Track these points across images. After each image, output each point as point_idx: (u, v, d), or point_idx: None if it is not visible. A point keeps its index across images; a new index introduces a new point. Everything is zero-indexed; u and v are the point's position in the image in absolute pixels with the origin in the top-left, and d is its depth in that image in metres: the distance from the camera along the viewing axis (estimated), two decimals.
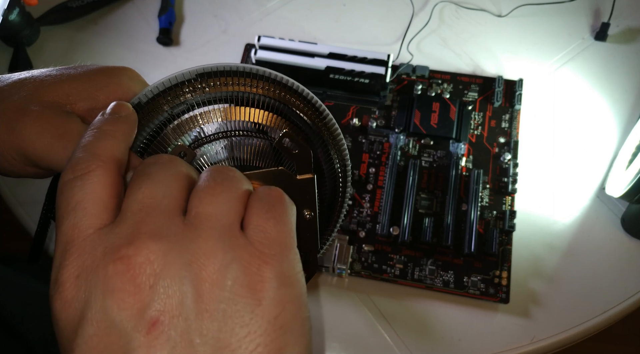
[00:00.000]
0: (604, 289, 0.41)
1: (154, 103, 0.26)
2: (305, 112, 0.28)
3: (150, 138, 0.26)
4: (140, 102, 0.25)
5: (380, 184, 0.44)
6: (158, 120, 0.26)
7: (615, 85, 0.50)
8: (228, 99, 0.27)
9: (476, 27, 0.54)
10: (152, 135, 0.26)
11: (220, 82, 0.26)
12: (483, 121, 0.47)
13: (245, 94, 0.27)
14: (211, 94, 0.26)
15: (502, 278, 0.40)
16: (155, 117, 0.26)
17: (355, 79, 0.46)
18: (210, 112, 0.26)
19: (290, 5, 0.56)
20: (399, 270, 0.41)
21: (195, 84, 0.26)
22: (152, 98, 0.26)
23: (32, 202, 0.45)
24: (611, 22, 0.52)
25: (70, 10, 0.54)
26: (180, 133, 0.26)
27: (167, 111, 0.26)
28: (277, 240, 0.19)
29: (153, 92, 0.26)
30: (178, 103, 0.26)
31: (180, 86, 0.26)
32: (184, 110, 0.26)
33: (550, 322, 0.40)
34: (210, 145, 0.27)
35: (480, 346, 0.39)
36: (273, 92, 0.27)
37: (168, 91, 0.26)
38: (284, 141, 0.25)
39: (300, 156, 0.25)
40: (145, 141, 0.26)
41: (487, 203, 0.43)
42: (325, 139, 0.29)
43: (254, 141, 0.27)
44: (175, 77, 0.25)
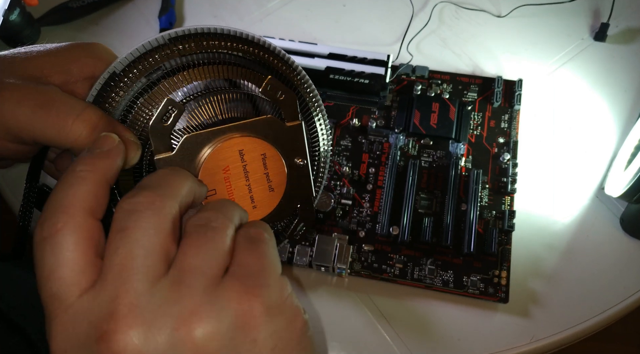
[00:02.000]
0: (603, 288, 0.41)
1: (130, 71, 0.25)
2: (280, 69, 0.28)
3: (129, 106, 0.26)
4: (115, 72, 0.25)
5: (380, 184, 0.45)
6: (136, 87, 0.25)
7: (614, 86, 0.50)
8: (203, 60, 0.26)
9: (476, 27, 0.54)
10: (131, 104, 0.26)
11: (194, 44, 0.26)
12: (482, 121, 0.47)
13: (219, 54, 0.26)
14: (187, 56, 0.26)
15: (502, 277, 0.40)
16: (132, 85, 0.25)
17: (355, 79, 0.46)
18: (188, 74, 0.26)
19: (290, 6, 0.56)
20: (398, 270, 0.41)
21: (170, 48, 0.25)
22: (127, 66, 0.25)
23: None
24: (610, 23, 0.52)
25: (71, 11, 0.54)
26: (159, 99, 0.26)
27: (145, 77, 0.25)
28: (261, 271, 0.20)
29: (128, 59, 0.25)
30: (154, 69, 0.25)
31: (154, 51, 0.25)
32: (161, 76, 0.26)
33: (549, 321, 0.40)
34: (195, 101, 0.26)
35: (480, 345, 0.39)
36: (247, 50, 0.27)
37: (143, 57, 0.25)
38: (268, 87, 0.25)
39: (286, 102, 0.26)
40: (125, 109, 0.26)
41: (487, 203, 0.43)
42: (302, 94, 0.29)
43: (236, 96, 0.27)
44: (148, 42, 0.25)
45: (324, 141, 0.31)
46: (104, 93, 0.25)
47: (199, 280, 0.18)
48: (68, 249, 0.18)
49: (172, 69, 0.26)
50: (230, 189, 0.26)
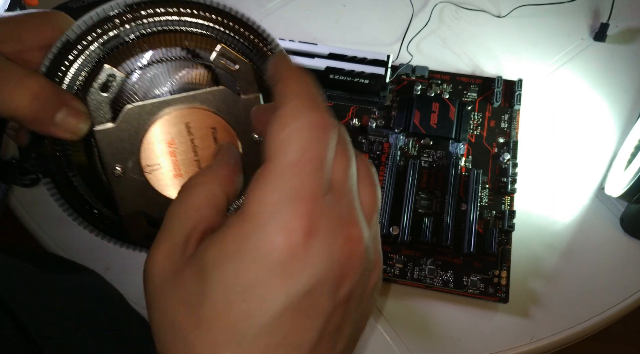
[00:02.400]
0: (603, 288, 0.41)
1: (83, 38, 0.24)
2: (248, 39, 0.26)
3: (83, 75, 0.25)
4: (69, 40, 0.24)
5: (380, 184, 0.45)
6: (91, 56, 0.25)
7: (614, 86, 0.50)
8: (162, 28, 0.25)
9: (476, 27, 0.54)
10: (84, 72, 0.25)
11: (151, 11, 0.25)
12: (482, 121, 0.47)
13: (180, 21, 0.25)
14: (143, 24, 0.25)
15: (502, 277, 0.40)
16: (87, 53, 0.24)
17: (355, 79, 0.46)
18: (144, 43, 0.25)
19: (290, 6, 0.56)
20: (398, 270, 0.41)
21: (125, 15, 0.24)
22: (81, 34, 0.24)
23: (32, 203, 0.46)
24: (610, 23, 0.52)
25: (71, 11, 0.54)
26: (115, 65, 0.25)
27: (99, 46, 0.25)
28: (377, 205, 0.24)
29: (81, 27, 0.24)
30: (109, 37, 0.24)
31: (109, 19, 0.24)
32: (117, 44, 0.25)
33: (549, 321, 0.40)
34: (144, 71, 0.25)
35: (480, 345, 0.39)
36: (209, 17, 0.26)
37: (97, 24, 0.24)
38: (220, 57, 0.23)
39: (241, 73, 0.24)
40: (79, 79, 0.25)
41: (487, 203, 0.43)
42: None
43: (191, 65, 0.26)
44: (103, 9, 0.24)
45: None
46: (57, 62, 0.24)
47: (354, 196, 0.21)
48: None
49: (130, 38, 0.25)
50: (176, 163, 0.25)
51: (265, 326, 0.17)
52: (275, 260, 0.17)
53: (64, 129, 0.24)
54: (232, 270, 0.18)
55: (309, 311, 0.18)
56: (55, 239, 0.44)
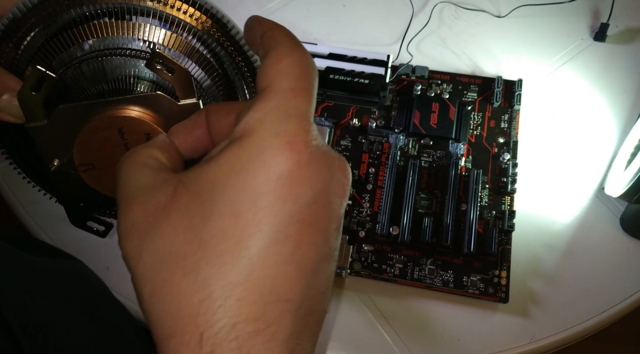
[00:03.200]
0: (603, 288, 0.41)
1: (27, 19, 0.24)
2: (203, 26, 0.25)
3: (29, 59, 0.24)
4: (15, 18, 0.24)
5: (380, 184, 0.45)
6: (35, 39, 0.24)
7: (614, 86, 0.50)
8: (111, 13, 0.24)
9: (475, 27, 0.54)
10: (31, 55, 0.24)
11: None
12: (482, 121, 0.47)
13: (130, 5, 0.24)
14: (89, 6, 0.24)
15: (502, 277, 0.40)
16: (30, 34, 0.24)
17: (355, 79, 0.46)
18: (90, 28, 0.24)
19: (290, 6, 0.56)
20: (398, 270, 0.41)
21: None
22: (25, 13, 0.24)
23: (32, 202, 0.46)
24: (610, 23, 0.52)
25: None
26: (56, 52, 0.24)
27: (43, 28, 0.24)
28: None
29: (26, 6, 0.24)
30: (53, 19, 0.24)
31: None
32: (63, 26, 0.24)
33: (549, 321, 0.40)
34: (80, 66, 0.24)
35: (480, 345, 0.39)
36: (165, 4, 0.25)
37: (43, 3, 0.23)
38: (154, 62, 0.22)
39: (179, 78, 0.23)
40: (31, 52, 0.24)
41: (487, 203, 0.43)
42: (230, 51, 0.27)
43: (135, 63, 0.25)
44: None
45: None
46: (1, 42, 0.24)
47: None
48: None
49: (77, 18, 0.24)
50: (111, 164, 0.24)
51: (274, 236, 0.17)
52: (281, 170, 0.18)
53: (9, 113, 0.24)
54: (238, 182, 0.17)
55: (313, 224, 0.18)
56: (55, 239, 0.44)
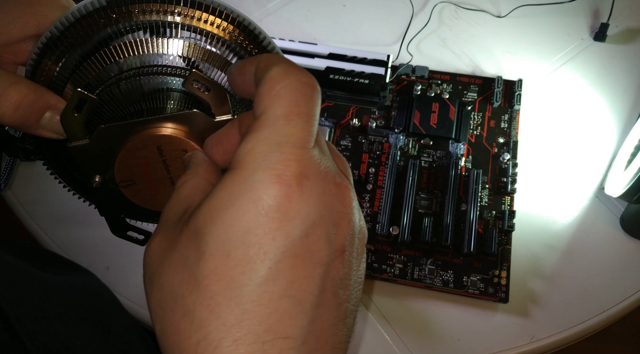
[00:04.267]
0: (603, 288, 0.41)
1: (66, 38, 0.24)
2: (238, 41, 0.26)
3: (72, 66, 0.25)
4: (52, 36, 0.24)
5: (380, 184, 0.45)
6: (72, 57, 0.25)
7: (614, 86, 0.50)
8: (148, 29, 0.25)
9: (475, 27, 0.54)
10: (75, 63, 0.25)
11: (137, 10, 0.24)
12: (482, 121, 0.47)
13: (166, 22, 0.25)
14: (126, 23, 0.24)
15: (502, 277, 0.40)
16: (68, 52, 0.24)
17: (355, 79, 0.46)
18: (127, 45, 0.25)
19: (290, 6, 0.56)
20: (398, 270, 0.41)
21: (109, 13, 0.24)
22: (70, 25, 0.24)
23: (32, 202, 0.46)
24: (610, 23, 0.52)
25: None
26: (93, 70, 0.25)
27: (80, 45, 0.24)
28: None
29: (63, 25, 0.24)
30: (90, 37, 0.24)
31: (91, 16, 0.24)
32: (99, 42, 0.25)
33: (549, 321, 0.40)
34: (118, 85, 0.25)
35: (480, 345, 0.39)
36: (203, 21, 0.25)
37: (80, 21, 0.24)
38: (192, 82, 0.23)
39: (215, 96, 0.24)
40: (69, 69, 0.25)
41: (487, 203, 0.43)
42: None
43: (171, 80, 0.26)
44: (84, 6, 0.24)
45: None
46: (44, 54, 0.24)
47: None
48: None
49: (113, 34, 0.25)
50: (150, 180, 0.25)
51: (266, 274, 0.17)
52: (269, 205, 0.17)
53: (51, 130, 0.24)
54: (227, 219, 0.17)
55: (307, 258, 0.17)
56: (55, 239, 0.44)
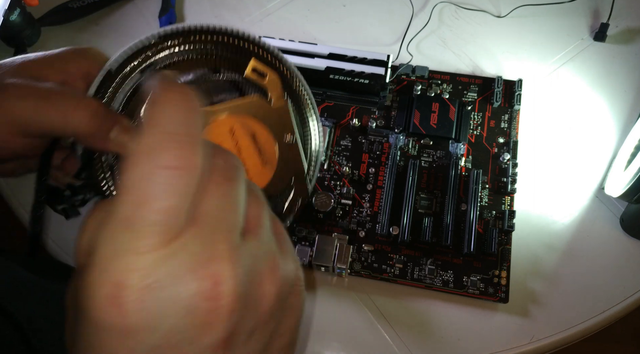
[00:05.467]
0: (602, 288, 0.41)
1: (123, 68, 0.27)
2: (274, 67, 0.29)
3: (125, 101, 0.28)
4: (110, 70, 0.27)
5: (380, 184, 0.45)
6: (131, 82, 0.28)
7: (614, 86, 0.50)
8: (191, 56, 0.28)
9: (475, 27, 0.54)
10: (127, 98, 0.28)
11: (182, 39, 0.28)
12: (482, 121, 0.47)
13: (204, 48, 0.28)
14: (175, 53, 0.28)
15: (502, 277, 0.40)
16: (127, 80, 0.28)
17: (355, 79, 0.46)
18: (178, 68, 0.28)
19: (291, 6, 0.56)
20: (398, 270, 0.41)
21: (159, 45, 0.28)
22: (122, 64, 0.27)
23: None
24: (610, 23, 0.52)
25: (71, 11, 0.54)
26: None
27: (138, 73, 0.28)
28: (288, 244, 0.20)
29: (122, 57, 0.27)
30: (147, 65, 0.28)
31: (146, 49, 0.28)
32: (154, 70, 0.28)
33: (549, 321, 0.40)
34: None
35: (480, 345, 0.39)
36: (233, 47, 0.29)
37: (135, 55, 0.27)
38: (252, 71, 0.27)
39: (270, 84, 0.27)
40: (121, 104, 0.28)
41: (487, 203, 0.43)
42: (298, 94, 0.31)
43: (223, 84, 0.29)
44: (140, 41, 0.27)
45: (316, 138, 0.33)
46: (101, 89, 0.27)
47: (270, 236, 0.19)
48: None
49: (163, 65, 0.28)
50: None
51: None
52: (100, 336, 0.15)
53: (118, 143, 0.26)
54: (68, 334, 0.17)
55: None
56: (56, 239, 0.44)
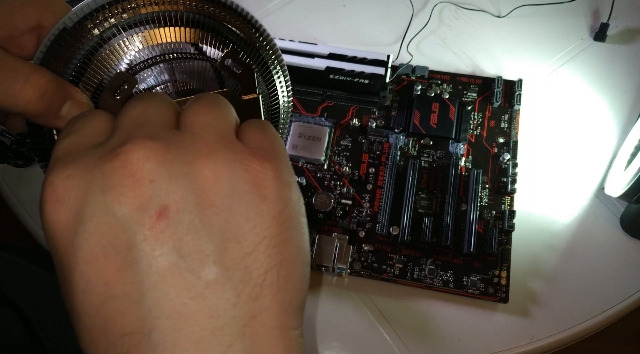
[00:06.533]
0: (602, 288, 0.41)
1: (81, 27, 0.24)
2: (240, 28, 0.27)
3: (82, 66, 0.25)
4: (65, 27, 0.24)
5: (380, 184, 0.45)
6: (88, 46, 0.25)
7: (614, 86, 0.50)
8: (161, 19, 0.26)
9: (475, 27, 0.54)
10: (84, 62, 0.25)
11: (151, 1, 0.25)
12: (482, 121, 0.47)
13: (178, 13, 0.26)
14: (142, 14, 0.25)
15: (502, 277, 0.40)
16: (84, 42, 0.24)
17: (355, 79, 0.46)
18: (145, 34, 0.25)
19: (291, 6, 0.56)
20: (398, 270, 0.41)
21: (124, 4, 0.25)
22: (78, 22, 0.24)
23: (32, 202, 0.46)
24: (610, 23, 0.52)
25: None
26: (115, 58, 0.25)
27: (97, 36, 0.25)
28: (274, 148, 0.20)
29: (78, 15, 0.24)
30: (108, 26, 0.25)
31: (107, 7, 0.24)
32: (115, 33, 0.25)
33: (549, 321, 0.40)
34: (149, 70, 0.26)
35: (480, 345, 0.39)
36: (207, 9, 0.26)
37: (95, 12, 0.24)
38: (226, 61, 0.24)
39: (244, 75, 0.25)
40: (77, 69, 0.25)
41: (487, 203, 0.43)
42: (262, 54, 0.29)
43: (194, 63, 0.27)
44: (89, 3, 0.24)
45: (284, 94, 0.31)
46: (53, 51, 0.24)
47: (212, 132, 0.19)
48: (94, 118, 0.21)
49: (129, 26, 0.25)
50: None
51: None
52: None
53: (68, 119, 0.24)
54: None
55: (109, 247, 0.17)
56: None
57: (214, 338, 0.16)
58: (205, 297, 0.17)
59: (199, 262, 0.17)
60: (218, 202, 0.17)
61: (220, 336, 0.16)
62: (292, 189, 0.19)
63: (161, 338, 0.16)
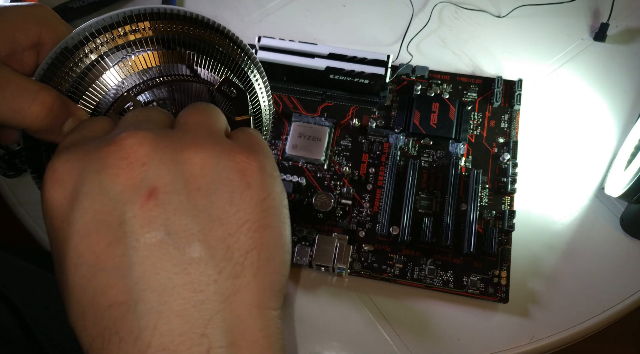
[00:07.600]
0: (602, 288, 0.41)
1: (82, 47, 0.25)
2: (221, 45, 0.29)
3: (80, 84, 0.25)
4: (67, 47, 0.25)
5: (380, 184, 0.45)
6: (90, 64, 0.25)
7: (614, 86, 0.50)
8: (160, 42, 0.27)
9: (475, 27, 0.54)
10: (82, 80, 0.25)
11: (148, 24, 0.26)
12: (482, 121, 0.47)
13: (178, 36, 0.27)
14: (143, 37, 0.26)
15: (502, 277, 0.40)
16: (84, 61, 0.25)
17: (355, 79, 0.46)
18: (145, 57, 0.26)
19: (291, 6, 0.56)
20: (398, 270, 0.41)
21: (125, 28, 0.26)
22: (79, 41, 0.25)
23: (32, 202, 0.46)
24: (610, 23, 0.52)
25: (71, 11, 0.54)
26: (111, 81, 0.26)
27: (98, 56, 0.26)
28: (260, 145, 0.22)
29: (80, 35, 0.25)
30: (110, 49, 0.26)
31: (108, 29, 0.25)
32: (115, 55, 0.26)
33: (549, 321, 0.40)
34: (151, 92, 0.27)
35: (480, 345, 0.39)
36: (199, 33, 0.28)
37: (97, 34, 0.25)
38: (223, 87, 0.26)
39: (238, 99, 0.27)
40: (75, 86, 0.25)
41: (487, 203, 0.43)
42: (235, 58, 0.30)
43: (192, 86, 0.28)
44: (103, 19, 0.25)
45: (263, 93, 0.32)
46: (54, 69, 0.25)
47: (203, 129, 0.20)
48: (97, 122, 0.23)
49: (127, 47, 0.26)
50: None
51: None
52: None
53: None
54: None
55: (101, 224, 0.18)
56: None
57: (196, 311, 0.17)
58: (189, 272, 0.18)
59: (184, 240, 0.18)
60: (205, 186, 0.19)
61: (202, 309, 0.17)
62: (276, 181, 0.21)
63: (146, 310, 0.17)
